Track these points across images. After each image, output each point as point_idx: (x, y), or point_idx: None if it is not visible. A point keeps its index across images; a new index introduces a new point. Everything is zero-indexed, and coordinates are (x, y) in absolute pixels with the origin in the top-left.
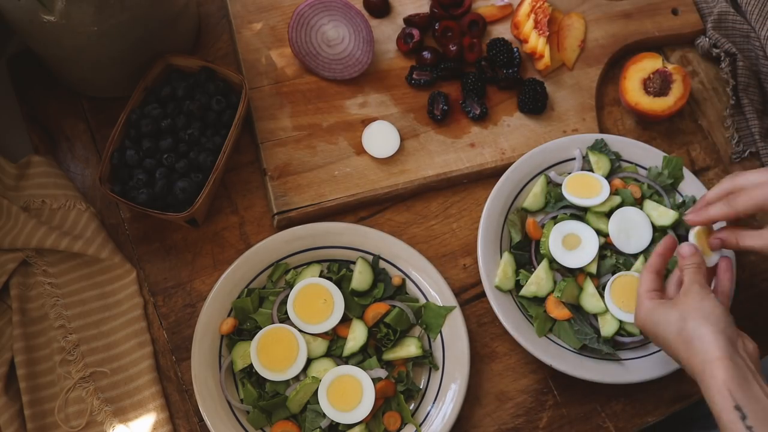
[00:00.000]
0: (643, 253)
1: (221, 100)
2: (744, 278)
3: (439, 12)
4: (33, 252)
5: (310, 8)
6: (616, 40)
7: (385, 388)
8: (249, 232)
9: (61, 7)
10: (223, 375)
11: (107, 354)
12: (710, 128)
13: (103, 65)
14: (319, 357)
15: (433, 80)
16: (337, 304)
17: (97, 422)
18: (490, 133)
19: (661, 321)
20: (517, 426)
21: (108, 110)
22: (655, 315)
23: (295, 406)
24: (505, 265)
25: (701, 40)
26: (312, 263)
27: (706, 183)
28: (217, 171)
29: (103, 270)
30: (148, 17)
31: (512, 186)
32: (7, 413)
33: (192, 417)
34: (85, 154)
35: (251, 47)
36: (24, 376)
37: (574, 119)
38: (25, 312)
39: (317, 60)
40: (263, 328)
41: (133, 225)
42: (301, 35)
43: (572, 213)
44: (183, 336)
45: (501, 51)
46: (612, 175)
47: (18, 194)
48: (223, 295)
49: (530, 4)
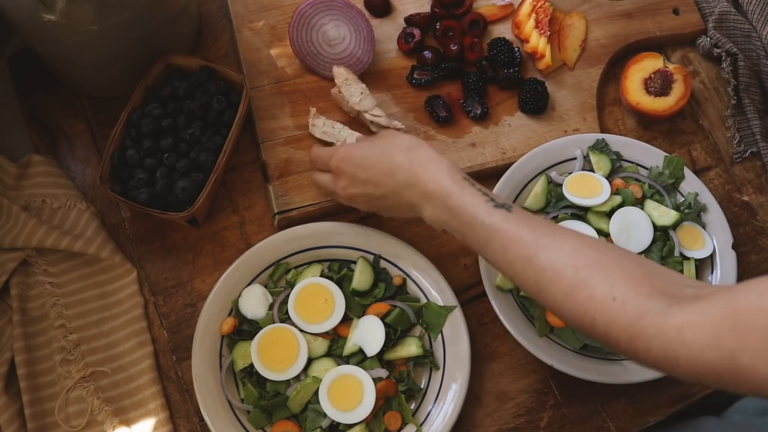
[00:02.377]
0: (644, 253)
1: (222, 100)
2: (744, 278)
3: (440, 11)
4: (33, 251)
5: (311, 7)
6: (617, 40)
7: (386, 387)
8: (249, 231)
9: (61, 6)
10: (223, 375)
11: (107, 353)
12: (711, 128)
13: (103, 64)
14: (320, 357)
15: (433, 80)
16: (337, 304)
17: (97, 422)
18: (491, 133)
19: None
20: (518, 426)
21: (108, 109)
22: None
23: (296, 406)
24: None
25: (702, 39)
26: (313, 263)
27: (707, 183)
28: (217, 170)
29: (104, 269)
30: (149, 16)
31: (513, 186)
32: (7, 413)
33: (192, 417)
34: (85, 153)
35: (252, 46)
36: (24, 375)
37: (575, 119)
38: (25, 311)
39: (318, 59)
40: (264, 327)
41: (133, 224)
42: (301, 35)
43: (573, 213)
44: (183, 336)
45: (502, 50)
46: (613, 175)
47: (18, 194)
48: (223, 294)
49: (531, 4)
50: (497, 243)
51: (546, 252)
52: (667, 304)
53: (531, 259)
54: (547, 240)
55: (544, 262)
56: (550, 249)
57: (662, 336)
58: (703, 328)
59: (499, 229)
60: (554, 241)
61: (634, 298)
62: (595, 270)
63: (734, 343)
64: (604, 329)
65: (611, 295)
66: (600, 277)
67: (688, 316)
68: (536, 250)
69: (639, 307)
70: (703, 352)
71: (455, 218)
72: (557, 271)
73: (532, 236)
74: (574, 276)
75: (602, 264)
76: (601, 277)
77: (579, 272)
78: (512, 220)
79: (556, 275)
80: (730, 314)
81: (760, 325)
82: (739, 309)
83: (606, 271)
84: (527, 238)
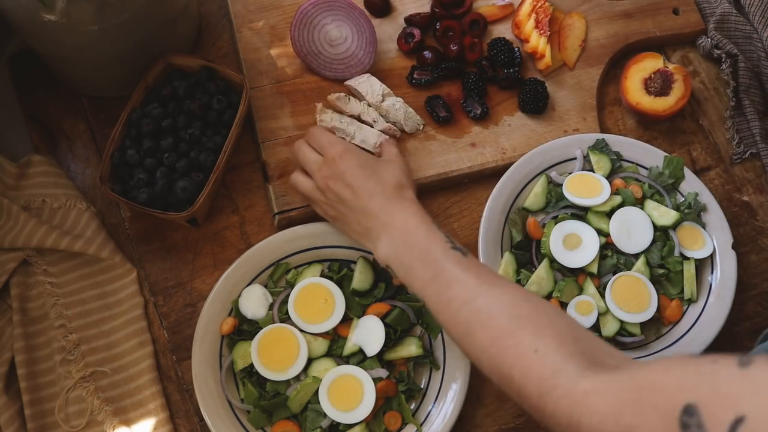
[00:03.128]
0: (644, 253)
1: (222, 100)
2: (744, 278)
3: (440, 11)
4: (33, 251)
5: (314, 7)
6: (617, 40)
7: (386, 387)
8: (249, 231)
9: (61, 6)
10: (223, 375)
11: (108, 353)
12: (711, 128)
13: (103, 64)
14: (320, 357)
15: (434, 80)
16: (337, 304)
17: (97, 422)
18: (491, 133)
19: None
20: (518, 426)
21: (108, 109)
22: (367, 158)
23: (296, 406)
24: (506, 265)
25: (703, 40)
26: (313, 263)
27: (707, 183)
28: (217, 170)
29: (104, 269)
30: (149, 16)
31: (513, 186)
32: (7, 413)
33: (192, 417)
34: (85, 153)
35: (252, 46)
36: (24, 375)
37: (575, 119)
38: (25, 311)
39: (319, 59)
40: (264, 327)
41: (133, 224)
42: (303, 34)
43: (573, 213)
44: (183, 336)
45: (502, 50)
46: (613, 175)
47: (18, 193)
48: (223, 294)
49: (531, 4)
50: (443, 281)
51: (485, 298)
52: (584, 368)
53: (470, 302)
54: (489, 287)
55: (481, 306)
56: (490, 296)
57: (569, 398)
58: (608, 398)
59: (448, 268)
60: (495, 290)
61: (555, 354)
62: (527, 322)
63: (633, 419)
64: (520, 381)
65: (534, 347)
66: (529, 329)
67: (598, 384)
68: (477, 295)
69: (556, 363)
70: (605, 423)
71: (409, 251)
72: (491, 316)
73: (477, 281)
74: (506, 324)
75: (535, 318)
76: (530, 329)
77: (511, 322)
78: (464, 263)
79: (489, 319)
80: (634, 388)
81: (658, 403)
82: (642, 384)
83: (537, 326)
84: (472, 282)
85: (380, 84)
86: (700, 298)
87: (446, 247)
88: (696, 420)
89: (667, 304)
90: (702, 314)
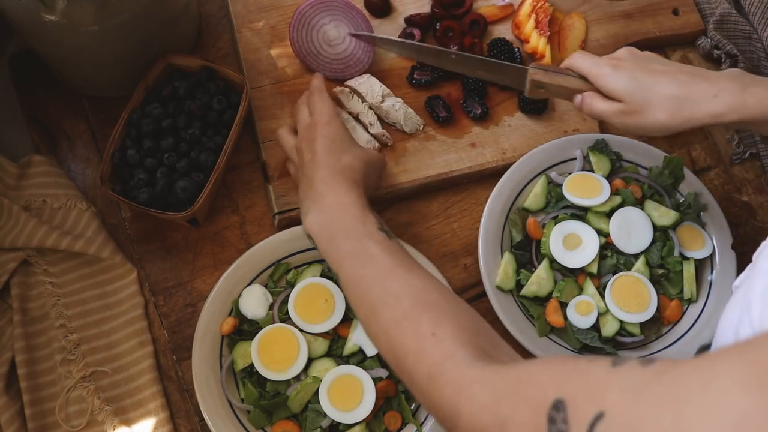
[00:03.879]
0: (644, 253)
1: (222, 100)
2: None
3: (440, 12)
4: (34, 251)
5: (312, 8)
6: (617, 40)
7: (386, 387)
8: (250, 231)
9: (62, 7)
10: (223, 374)
11: (108, 353)
12: (711, 128)
13: (104, 65)
14: (320, 357)
15: (433, 80)
16: (338, 304)
17: (97, 422)
18: (491, 133)
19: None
20: None
21: (109, 110)
22: (346, 133)
23: (296, 406)
24: (506, 265)
25: (702, 40)
26: (313, 263)
27: (707, 183)
28: (218, 170)
29: (104, 269)
30: (149, 17)
31: (513, 186)
32: (7, 413)
33: (192, 416)
34: (85, 153)
35: (252, 47)
36: (24, 375)
37: (574, 119)
38: (25, 311)
39: (318, 59)
40: (264, 327)
41: (133, 224)
42: (302, 35)
43: (573, 213)
44: (184, 335)
45: (502, 51)
46: (613, 175)
47: (19, 194)
48: (223, 294)
49: (531, 5)
50: (360, 257)
51: (398, 281)
52: (475, 357)
53: (382, 282)
54: (404, 271)
55: (392, 287)
56: (403, 279)
57: (456, 384)
58: (489, 388)
59: (369, 246)
60: (409, 275)
61: (450, 340)
62: (432, 308)
63: (508, 410)
64: (412, 365)
65: (432, 331)
66: (431, 315)
67: (484, 374)
68: (390, 276)
69: (449, 348)
70: (483, 413)
71: (335, 225)
72: (399, 298)
73: (394, 264)
74: (410, 307)
75: (441, 307)
76: (433, 315)
77: (416, 306)
78: (386, 245)
79: (396, 301)
80: (514, 380)
81: (531, 396)
82: (523, 377)
83: (440, 313)
84: (389, 263)
85: (380, 84)
86: (700, 298)
87: (373, 228)
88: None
89: (667, 304)
90: (702, 314)
